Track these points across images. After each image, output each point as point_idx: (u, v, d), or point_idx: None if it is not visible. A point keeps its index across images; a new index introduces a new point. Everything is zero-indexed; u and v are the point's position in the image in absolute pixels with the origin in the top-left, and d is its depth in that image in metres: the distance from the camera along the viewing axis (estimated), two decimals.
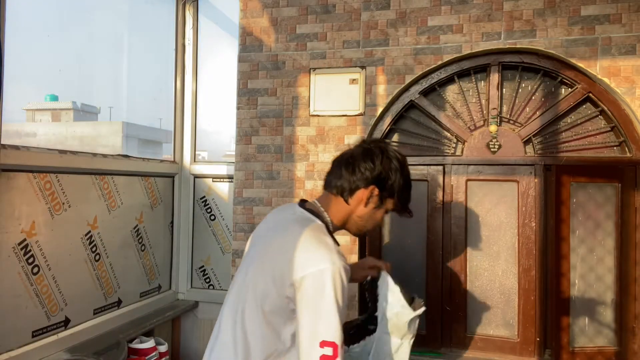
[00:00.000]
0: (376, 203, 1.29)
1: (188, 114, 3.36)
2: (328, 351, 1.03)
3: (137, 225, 2.83)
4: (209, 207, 3.33)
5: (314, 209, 1.30)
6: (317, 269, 1.08)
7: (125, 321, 2.65)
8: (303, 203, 1.34)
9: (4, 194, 1.94)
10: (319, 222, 1.24)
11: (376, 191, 1.27)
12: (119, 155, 2.81)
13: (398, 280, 1.42)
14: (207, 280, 3.33)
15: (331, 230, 1.27)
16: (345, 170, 1.28)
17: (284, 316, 1.13)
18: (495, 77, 2.51)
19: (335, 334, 1.05)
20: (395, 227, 2.66)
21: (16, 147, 2.01)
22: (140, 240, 2.86)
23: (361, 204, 1.28)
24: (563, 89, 2.48)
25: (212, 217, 3.33)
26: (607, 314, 2.41)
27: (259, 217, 2.68)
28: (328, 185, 1.33)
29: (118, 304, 2.64)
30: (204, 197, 3.34)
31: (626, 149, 2.39)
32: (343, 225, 1.33)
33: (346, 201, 1.29)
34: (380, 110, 2.55)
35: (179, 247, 3.29)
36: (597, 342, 2.40)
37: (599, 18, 2.29)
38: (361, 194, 1.27)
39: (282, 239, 1.19)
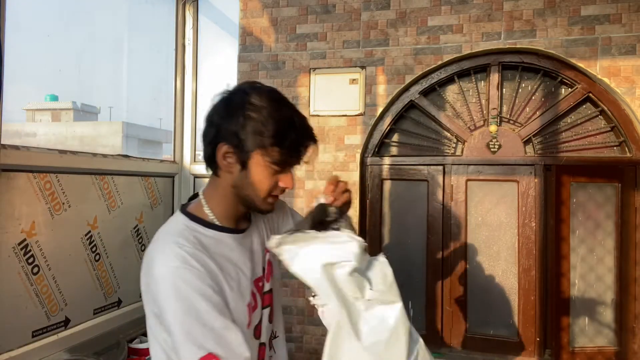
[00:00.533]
0: (236, 160, 0.93)
1: (188, 114, 3.36)
2: None
3: (137, 225, 2.83)
4: None
5: (194, 199, 1.05)
6: (146, 280, 0.89)
7: (125, 321, 2.65)
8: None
9: (4, 194, 1.94)
10: (179, 217, 0.98)
11: (224, 148, 0.93)
12: (119, 155, 2.81)
13: (398, 281, 1.41)
14: None
15: (209, 221, 0.98)
16: (203, 142, 1.00)
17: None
18: (495, 77, 2.51)
19: (191, 347, 0.82)
20: (396, 226, 2.66)
21: (16, 147, 2.01)
22: (140, 240, 2.86)
23: (226, 170, 0.96)
24: (563, 89, 2.48)
25: None
26: (607, 314, 2.41)
27: None
28: None
29: (118, 304, 2.64)
30: None
31: (626, 149, 2.39)
32: (231, 203, 1.00)
33: (215, 174, 1.00)
34: (380, 110, 2.55)
35: None
36: (597, 342, 2.40)
37: (599, 18, 2.29)
38: (218, 158, 0.95)
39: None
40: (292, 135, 0.93)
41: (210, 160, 0.97)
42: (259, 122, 0.91)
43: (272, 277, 1.09)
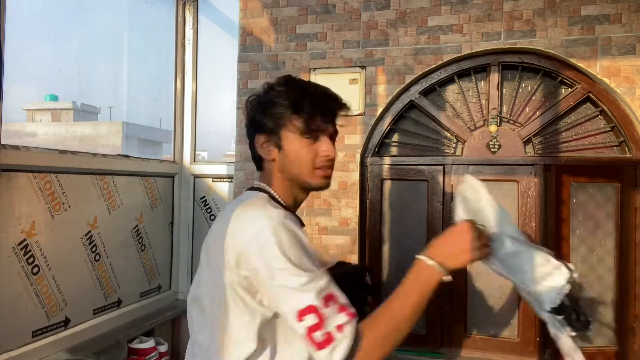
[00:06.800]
0: (272, 145, 1.02)
1: (188, 114, 3.36)
2: (310, 320, 0.83)
3: (137, 225, 2.83)
4: (209, 207, 3.32)
5: (256, 185, 1.09)
6: (251, 233, 0.89)
7: (125, 321, 2.65)
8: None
9: (4, 194, 1.94)
10: (260, 194, 1.02)
11: (260, 139, 1.02)
12: (119, 155, 2.81)
13: (398, 281, 1.41)
14: None
15: (283, 203, 1.04)
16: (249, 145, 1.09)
17: (238, 314, 0.92)
18: (495, 77, 2.51)
19: (304, 295, 0.84)
20: (396, 226, 2.66)
21: (16, 147, 2.01)
22: (140, 240, 2.86)
23: (269, 159, 1.03)
24: (563, 89, 2.48)
25: (212, 217, 3.32)
26: (607, 314, 2.41)
27: None
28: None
29: (118, 304, 2.64)
30: (204, 197, 3.33)
31: (626, 149, 2.39)
32: (288, 189, 1.05)
33: (260, 168, 1.07)
34: (380, 110, 2.55)
35: (179, 247, 3.29)
36: (597, 342, 2.40)
37: (599, 18, 2.29)
38: (258, 150, 1.04)
39: (218, 227, 0.98)
40: (307, 102, 0.99)
41: (255, 157, 1.06)
42: (278, 102, 0.99)
43: None
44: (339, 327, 0.84)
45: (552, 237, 2.43)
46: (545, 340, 2.43)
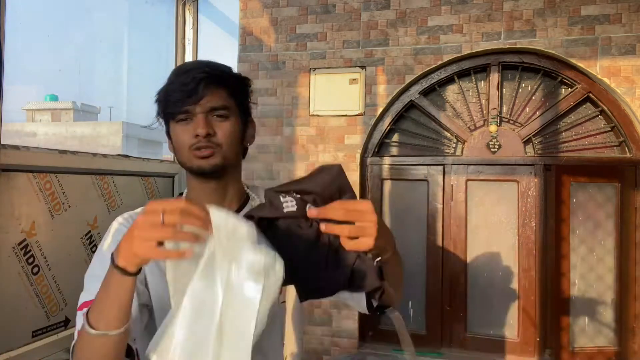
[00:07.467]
0: (170, 142, 0.95)
1: None
2: (80, 316, 0.82)
3: None
4: None
5: None
6: None
7: None
8: None
9: (4, 194, 1.94)
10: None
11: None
12: (118, 155, 2.81)
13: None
14: None
15: (184, 195, 0.99)
16: None
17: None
18: (495, 77, 2.51)
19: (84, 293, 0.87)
20: (395, 227, 2.66)
21: (16, 147, 2.01)
22: None
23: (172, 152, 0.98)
24: (563, 89, 2.48)
25: None
26: (607, 314, 2.41)
27: None
28: None
29: None
30: None
31: (626, 149, 2.39)
32: (189, 178, 0.97)
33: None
34: (380, 110, 2.55)
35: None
36: (597, 342, 2.40)
37: (599, 18, 2.29)
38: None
39: None
40: (165, 87, 0.92)
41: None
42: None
43: None
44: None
45: (552, 237, 2.43)
46: (545, 340, 2.43)
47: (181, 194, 0.99)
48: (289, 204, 0.70)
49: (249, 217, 0.70)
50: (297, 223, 0.70)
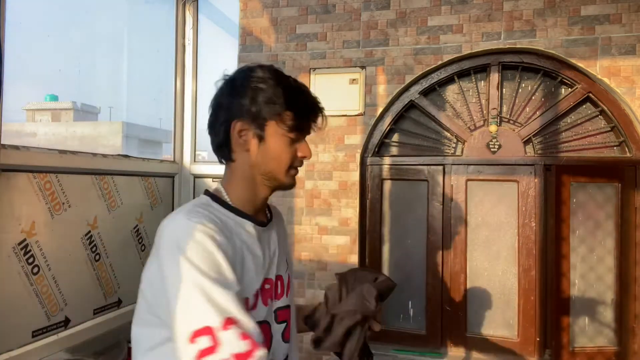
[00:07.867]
0: (252, 135, 0.90)
1: (188, 114, 3.36)
2: (204, 343, 0.71)
3: (137, 225, 2.83)
4: None
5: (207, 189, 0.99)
6: (161, 240, 0.82)
7: (125, 321, 2.65)
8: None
9: (4, 194, 1.94)
10: (201, 197, 0.95)
11: (239, 125, 0.90)
12: (119, 155, 2.80)
13: (398, 280, 1.41)
14: None
15: (232, 204, 0.94)
16: (211, 131, 0.97)
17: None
18: (495, 77, 2.51)
19: (203, 315, 0.73)
20: (396, 226, 2.66)
21: (16, 147, 2.01)
22: (140, 240, 2.86)
23: (243, 149, 0.92)
24: (563, 89, 2.48)
25: None
26: (607, 314, 2.41)
27: None
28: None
29: (118, 304, 2.64)
30: None
31: (626, 149, 2.39)
32: (253, 188, 0.95)
33: (230, 159, 0.95)
34: (380, 110, 2.55)
35: None
36: (597, 342, 2.40)
37: (599, 18, 2.29)
38: (233, 137, 0.92)
39: None
40: (302, 99, 0.94)
41: (223, 144, 0.93)
42: (269, 92, 0.90)
43: (290, 293, 1.03)
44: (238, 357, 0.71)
45: (552, 237, 2.43)
46: (545, 340, 2.43)
47: (208, 192, 0.96)
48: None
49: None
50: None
